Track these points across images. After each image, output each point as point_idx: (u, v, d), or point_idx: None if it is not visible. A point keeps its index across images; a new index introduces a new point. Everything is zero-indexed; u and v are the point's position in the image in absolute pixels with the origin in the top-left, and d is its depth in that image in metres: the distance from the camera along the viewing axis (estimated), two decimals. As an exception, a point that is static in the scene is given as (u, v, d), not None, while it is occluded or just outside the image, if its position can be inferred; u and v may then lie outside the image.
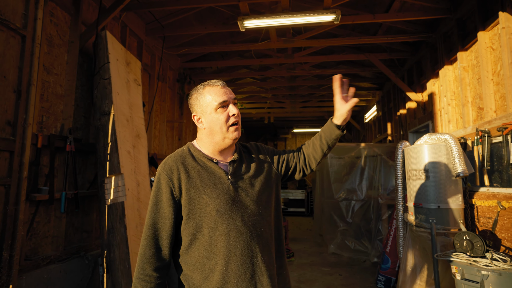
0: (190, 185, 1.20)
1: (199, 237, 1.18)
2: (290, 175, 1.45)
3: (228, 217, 1.18)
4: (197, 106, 1.28)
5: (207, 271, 1.16)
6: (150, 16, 4.18)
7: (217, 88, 1.25)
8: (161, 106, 5.01)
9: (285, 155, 1.45)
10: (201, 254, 1.17)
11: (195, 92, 1.29)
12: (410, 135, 5.40)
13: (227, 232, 1.17)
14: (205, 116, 1.26)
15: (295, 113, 9.88)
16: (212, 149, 1.29)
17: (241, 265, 1.16)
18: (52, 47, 2.81)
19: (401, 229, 3.70)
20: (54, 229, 2.79)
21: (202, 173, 1.23)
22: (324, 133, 1.37)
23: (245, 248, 1.18)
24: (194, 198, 1.19)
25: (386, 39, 4.63)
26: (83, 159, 3.11)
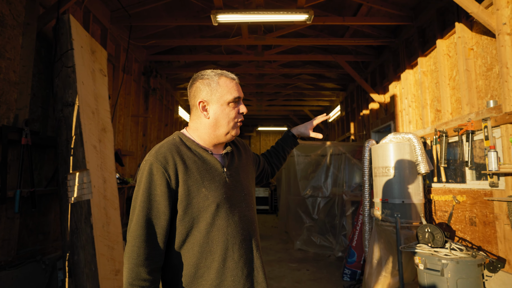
0: (188, 177, 1.10)
1: (195, 233, 1.09)
2: (260, 179, 1.56)
3: (226, 211, 1.12)
4: (207, 92, 1.18)
5: (202, 269, 1.09)
6: (116, 3, 3.92)
7: (233, 82, 1.21)
8: (125, 99, 4.74)
9: (261, 158, 1.55)
10: (196, 252, 1.09)
11: (207, 77, 1.19)
12: (372, 134, 5.69)
13: (225, 227, 1.11)
14: (215, 106, 1.18)
15: (260, 111, 9.94)
16: (209, 141, 1.22)
17: (238, 261, 1.12)
18: (5, 28, 2.51)
19: (367, 223, 3.88)
20: (4, 232, 2.50)
21: (199, 164, 1.14)
22: (287, 146, 1.64)
23: (242, 243, 1.14)
24: (192, 191, 1.09)
25: (353, 41, 4.82)
26: (40, 154, 2.83)
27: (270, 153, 1.63)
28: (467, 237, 3.14)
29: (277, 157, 1.62)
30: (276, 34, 4.73)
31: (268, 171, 1.58)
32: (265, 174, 1.57)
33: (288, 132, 1.66)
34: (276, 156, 1.62)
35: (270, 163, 1.61)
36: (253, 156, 1.48)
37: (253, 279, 1.15)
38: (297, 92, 8.17)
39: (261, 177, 1.55)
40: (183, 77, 7.00)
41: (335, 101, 8.37)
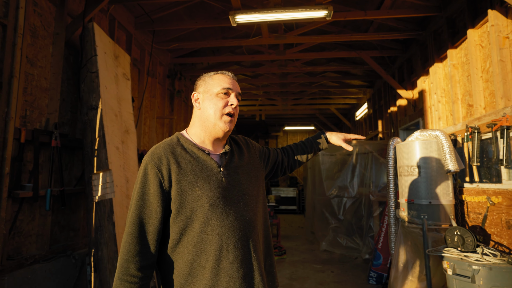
0: (181, 177, 1.11)
1: (189, 233, 1.10)
2: (274, 172, 1.52)
3: (221, 211, 1.11)
4: (201, 86, 1.26)
5: (196, 268, 1.09)
6: (140, 9, 4.08)
7: (226, 76, 1.26)
8: (151, 102, 4.92)
9: (271, 152, 1.51)
10: (191, 251, 1.09)
11: (205, 75, 1.29)
12: (400, 132, 5.44)
13: (219, 227, 1.10)
14: (205, 96, 1.24)
15: (286, 111, 9.87)
16: (203, 136, 1.23)
17: (233, 262, 1.10)
18: (36, 38, 2.70)
19: (393, 225, 3.72)
20: (39, 228, 2.69)
21: (194, 164, 1.15)
22: (316, 144, 1.61)
23: (238, 244, 1.12)
24: (185, 191, 1.10)
25: (378, 36, 4.64)
26: (69, 155, 3.02)
27: (297, 146, 1.61)
28: (503, 241, 2.91)
29: (302, 152, 1.59)
30: (297, 32, 4.67)
31: (284, 164, 1.54)
32: (280, 167, 1.53)
33: (322, 132, 1.65)
34: (302, 150, 1.60)
35: (294, 156, 1.58)
36: (261, 151, 1.44)
37: (249, 280, 1.13)
38: (323, 90, 8.01)
39: (275, 171, 1.51)
40: (207, 78, 7.14)
41: (362, 98, 8.10)
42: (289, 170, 1.58)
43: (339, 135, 1.60)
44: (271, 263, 1.28)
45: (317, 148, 1.62)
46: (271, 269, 1.27)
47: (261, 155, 1.43)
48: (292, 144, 1.63)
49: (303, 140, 1.65)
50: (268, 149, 1.51)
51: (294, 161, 1.58)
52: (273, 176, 1.54)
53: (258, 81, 7.15)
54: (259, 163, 1.39)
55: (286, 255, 5.44)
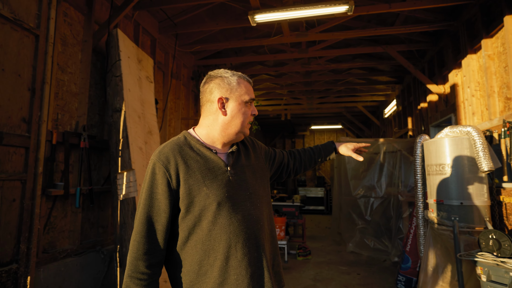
0: (189, 176, 1.12)
1: (197, 231, 1.11)
2: (279, 174, 1.52)
3: (229, 210, 1.12)
4: (227, 90, 1.20)
5: (205, 267, 1.09)
6: (163, 14, 4.21)
7: (249, 84, 1.26)
8: (175, 103, 5.06)
9: (277, 154, 1.51)
10: (199, 249, 1.10)
11: (226, 76, 1.22)
12: (431, 129, 5.16)
13: (227, 225, 1.10)
14: (233, 103, 1.20)
15: (312, 110, 9.72)
16: (218, 138, 1.22)
17: (242, 260, 1.10)
18: (66, 46, 2.88)
19: (422, 227, 3.54)
20: (70, 224, 2.87)
21: (201, 163, 1.15)
22: (325, 152, 1.63)
23: (246, 242, 1.12)
24: (193, 190, 1.11)
25: (404, 29, 4.43)
26: (98, 156, 3.18)
27: (304, 151, 1.63)
28: (546, 246, 2.66)
29: (310, 158, 1.61)
30: (318, 29, 4.58)
31: (290, 166, 1.54)
32: (285, 169, 1.53)
33: (331, 143, 1.67)
34: (309, 156, 1.61)
35: (300, 160, 1.58)
36: (266, 152, 1.45)
37: (258, 278, 1.13)
38: (349, 88, 7.80)
39: (280, 172, 1.52)
40: (231, 79, 7.21)
41: (390, 95, 7.79)
42: (294, 173, 1.58)
43: (348, 146, 1.61)
44: (278, 263, 1.27)
45: (325, 157, 1.63)
46: (278, 269, 1.26)
47: (267, 156, 1.43)
48: (300, 149, 1.64)
49: (312, 147, 1.67)
50: (274, 150, 1.51)
51: (300, 165, 1.58)
52: (278, 177, 1.54)
53: (282, 80, 7.11)
54: (265, 163, 1.39)
55: (311, 256, 5.36)
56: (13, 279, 2.23)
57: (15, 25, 2.23)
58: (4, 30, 2.14)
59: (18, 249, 2.27)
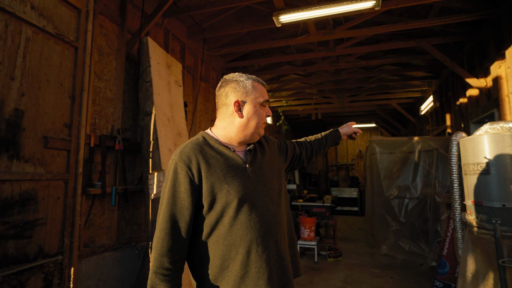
0: (211, 174, 1.16)
1: (220, 227, 1.15)
2: (293, 164, 1.59)
3: (249, 205, 1.16)
4: (242, 93, 1.25)
5: (227, 261, 1.14)
6: (191, 20, 4.37)
7: (262, 86, 1.31)
8: (205, 106, 5.21)
9: (289, 145, 1.57)
10: (221, 245, 1.15)
11: (241, 80, 1.27)
12: (472, 126, 4.84)
13: (248, 221, 1.15)
14: (249, 106, 1.25)
15: (343, 108, 9.49)
16: (235, 139, 1.27)
17: (262, 254, 1.15)
18: (102, 56, 3.10)
19: (459, 230, 3.33)
20: (108, 221, 3.08)
21: (222, 161, 1.20)
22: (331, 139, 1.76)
23: (266, 237, 1.17)
24: (215, 187, 1.15)
25: (439, 21, 4.20)
26: (131, 157, 3.38)
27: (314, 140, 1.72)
28: None
29: (319, 144, 1.71)
30: (346, 26, 4.48)
31: (302, 156, 1.62)
32: (298, 159, 1.61)
33: (336, 131, 1.81)
34: (318, 142, 1.71)
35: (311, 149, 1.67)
36: (279, 146, 1.50)
37: (277, 271, 1.18)
38: (381, 85, 7.52)
39: (293, 163, 1.59)
40: (260, 80, 7.26)
41: (427, 91, 7.39)
42: (307, 161, 1.66)
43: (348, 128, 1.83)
44: (294, 253, 1.33)
45: (330, 143, 1.76)
46: (294, 259, 1.32)
47: (280, 149, 1.48)
48: (308, 138, 1.73)
49: (319, 134, 1.77)
50: (285, 142, 1.56)
51: (311, 153, 1.67)
52: (291, 168, 1.60)
53: (311, 80, 7.04)
54: (279, 157, 1.44)
55: (343, 257, 5.25)
56: (59, 269, 2.45)
57: (58, 39, 2.45)
58: (49, 44, 2.36)
59: (63, 243, 2.49)
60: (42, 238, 2.32)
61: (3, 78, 2.04)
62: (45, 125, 2.34)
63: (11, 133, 2.09)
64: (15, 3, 2.11)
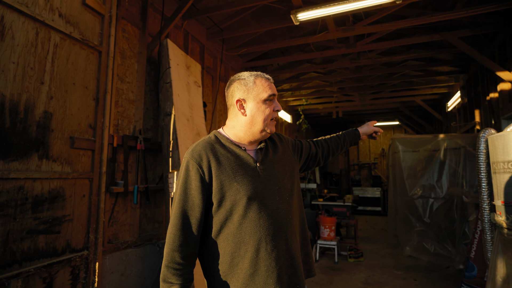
0: (221, 172, 1.18)
1: (229, 225, 1.17)
2: (309, 164, 1.56)
3: (258, 204, 1.17)
4: (244, 91, 1.26)
5: (237, 258, 1.15)
6: (209, 21, 4.42)
7: (267, 81, 1.28)
8: (224, 105, 5.26)
9: (305, 144, 1.55)
10: (231, 242, 1.16)
11: (243, 78, 1.28)
12: (503, 122, 4.58)
13: (257, 219, 1.16)
14: (251, 104, 1.25)
15: (365, 106, 9.27)
16: (244, 137, 1.28)
17: (271, 252, 1.15)
18: (124, 59, 3.21)
19: (488, 231, 3.18)
20: (130, 218, 3.19)
21: (232, 160, 1.22)
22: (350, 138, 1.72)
23: (275, 235, 1.18)
24: (224, 185, 1.17)
25: (467, 12, 4.00)
26: (152, 157, 3.48)
27: (331, 139, 1.68)
28: None
29: (336, 145, 1.67)
30: (366, 22, 4.37)
31: (318, 155, 1.59)
32: (314, 159, 1.58)
33: (355, 130, 1.76)
34: (336, 143, 1.67)
35: (328, 149, 1.63)
36: (293, 145, 1.48)
37: (286, 269, 1.18)
38: (405, 81, 7.28)
39: (308, 162, 1.57)
40: (278, 79, 7.24)
41: (454, 86, 7.07)
42: (323, 161, 1.63)
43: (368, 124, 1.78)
44: (306, 253, 1.32)
45: (349, 142, 1.70)
46: (307, 259, 1.31)
47: (294, 148, 1.47)
48: (326, 137, 1.69)
49: (337, 134, 1.72)
50: (300, 141, 1.54)
51: (328, 152, 1.63)
52: (306, 168, 1.57)
53: (331, 77, 6.93)
54: (293, 156, 1.43)
55: (364, 258, 5.15)
56: (85, 263, 2.56)
57: (83, 44, 2.56)
58: (75, 50, 2.48)
59: (88, 238, 2.61)
60: (70, 234, 2.44)
61: (34, 82, 2.17)
62: (72, 126, 2.45)
63: (41, 134, 2.21)
64: (45, 12, 2.23)
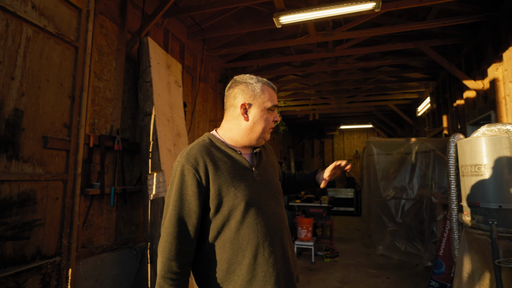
0: (218, 177, 1.14)
1: (226, 231, 1.14)
2: None
3: (256, 209, 1.15)
4: (250, 96, 1.22)
5: (234, 265, 1.12)
6: (191, 20, 4.36)
7: (273, 91, 1.28)
8: (203, 106, 5.20)
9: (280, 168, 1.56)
10: (228, 248, 1.13)
11: (251, 82, 1.24)
12: (468, 127, 4.88)
13: (255, 225, 1.14)
14: (256, 110, 1.23)
15: (341, 109, 9.54)
16: (241, 142, 1.26)
17: (269, 258, 1.14)
18: (102, 56, 3.08)
19: (456, 230, 3.37)
20: (106, 221, 3.06)
21: (229, 164, 1.18)
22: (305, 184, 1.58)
23: (273, 240, 1.16)
24: (222, 191, 1.13)
25: (438, 23, 4.23)
26: (130, 158, 3.37)
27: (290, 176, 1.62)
28: None
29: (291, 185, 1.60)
30: (345, 28, 4.50)
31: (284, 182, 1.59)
32: None
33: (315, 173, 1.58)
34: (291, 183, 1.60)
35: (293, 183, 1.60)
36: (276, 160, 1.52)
37: (284, 275, 1.18)
38: (379, 86, 7.57)
39: None
40: (258, 80, 7.26)
41: (424, 92, 7.44)
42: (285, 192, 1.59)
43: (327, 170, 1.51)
44: (294, 254, 1.34)
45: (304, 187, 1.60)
46: (295, 264, 1.33)
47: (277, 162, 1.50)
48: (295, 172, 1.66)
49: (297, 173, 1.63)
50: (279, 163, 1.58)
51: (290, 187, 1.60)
52: None
53: (309, 80, 7.06)
54: (277, 162, 1.46)
55: (339, 258, 5.28)
56: (57, 270, 2.43)
57: (58, 39, 2.43)
58: (49, 44, 2.35)
59: (61, 244, 2.48)
60: (40, 239, 2.30)
61: (3, 77, 2.03)
62: (45, 125, 2.32)
63: (10, 133, 2.08)
64: (16, 2, 2.10)
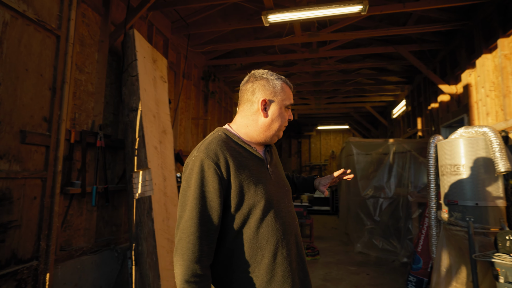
0: (239, 173, 1.09)
1: (245, 230, 1.09)
2: None
3: (274, 207, 1.13)
4: (271, 92, 1.20)
5: (253, 265, 1.08)
6: (176, 14, 4.24)
7: (290, 89, 1.26)
8: (186, 103, 5.08)
9: None
10: (247, 248, 1.08)
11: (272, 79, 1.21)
12: (442, 130, 5.14)
13: (273, 223, 1.11)
14: (274, 107, 1.20)
15: (319, 110, 9.71)
16: (256, 139, 1.22)
17: (287, 257, 1.12)
18: (84, 47, 2.92)
19: (434, 227, 3.52)
20: (86, 222, 2.90)
21: (248, 160, 1.14)
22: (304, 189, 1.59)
23: (290, 239, 1.15)
24: (243, 188, 1.08)
25: (417, 29, 4.41)
26: (112, 155, 3.21)
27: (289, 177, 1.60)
28: None
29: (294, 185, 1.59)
30: (330, 29, 4.58)
31: None
32: None
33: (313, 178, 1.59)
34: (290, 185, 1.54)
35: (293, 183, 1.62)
36: None
37: (298, 273, 1.17)
38: (358, 88, 7.78)
39: None
40: (240, 79, 7.22)
41: (400, 95, 7.75)
42: None
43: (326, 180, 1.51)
44: None
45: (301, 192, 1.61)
46: None
47: None
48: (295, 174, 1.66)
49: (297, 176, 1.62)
50: None
51: None
52: None
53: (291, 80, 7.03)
54: None
55: (320, 256, 5.36)
56: (34, 275, 2.26)
57: (39, 26, 2.26)
58: (29, 31, 2.18)
59: (38, 247, 2.31)
60: (16, 242, 2.13)
61: (-23, 65, 1.85)
62: (23, 118, 2.15)
63: (-16, 126, 1.90)
64: (-8, -17, 1.92)
